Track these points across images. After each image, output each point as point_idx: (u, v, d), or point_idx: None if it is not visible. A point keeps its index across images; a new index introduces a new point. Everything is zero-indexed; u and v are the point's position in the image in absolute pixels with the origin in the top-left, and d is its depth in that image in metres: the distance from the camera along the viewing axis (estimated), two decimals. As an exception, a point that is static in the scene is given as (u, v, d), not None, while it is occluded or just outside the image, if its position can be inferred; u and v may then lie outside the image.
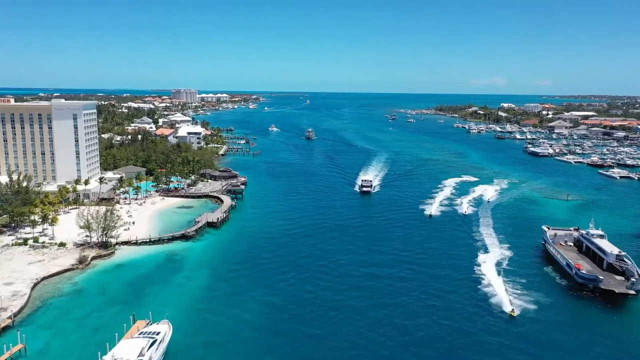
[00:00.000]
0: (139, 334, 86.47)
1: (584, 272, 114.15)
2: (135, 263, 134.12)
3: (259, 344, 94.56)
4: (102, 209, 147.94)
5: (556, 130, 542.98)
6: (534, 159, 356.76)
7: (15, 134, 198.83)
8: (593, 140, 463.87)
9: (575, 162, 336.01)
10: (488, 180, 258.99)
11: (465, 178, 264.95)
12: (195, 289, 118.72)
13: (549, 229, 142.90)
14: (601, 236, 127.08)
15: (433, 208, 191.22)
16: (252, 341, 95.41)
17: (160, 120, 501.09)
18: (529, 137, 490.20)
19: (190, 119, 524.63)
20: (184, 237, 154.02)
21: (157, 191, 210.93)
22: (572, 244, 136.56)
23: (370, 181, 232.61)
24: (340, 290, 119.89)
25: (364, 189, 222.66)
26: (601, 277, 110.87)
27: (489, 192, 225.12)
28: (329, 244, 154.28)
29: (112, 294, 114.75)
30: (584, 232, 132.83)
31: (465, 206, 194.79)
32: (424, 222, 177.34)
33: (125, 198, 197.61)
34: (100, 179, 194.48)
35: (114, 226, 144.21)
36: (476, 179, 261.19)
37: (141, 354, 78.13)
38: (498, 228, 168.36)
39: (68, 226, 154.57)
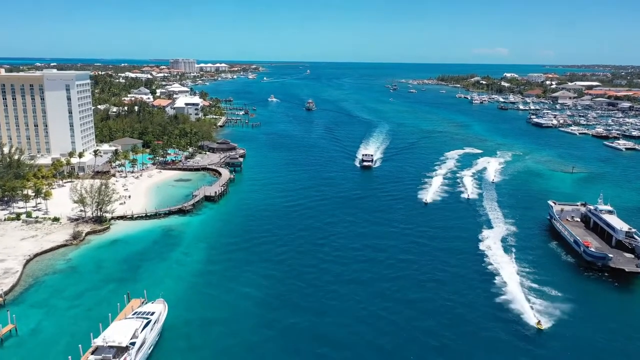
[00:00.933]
0: (133, 314, 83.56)
1: (592, 249, 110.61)
2: (131, 238, 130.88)
3: (258, 323, 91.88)
4: (97, 183, 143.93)
5: (560, 101, 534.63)
6: (538, 130, 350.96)
7: (6, 106, 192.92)
8: (597, 111, 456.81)
9: (579, 133, 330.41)
10: (491, 152, 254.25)
11: (468, 150, 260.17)
12: (192, 265, 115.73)
13: (555, 204, 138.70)
14: (610, 212, 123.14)
15: (435, 183, 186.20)
16: (251, 320, 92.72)
17: (158, 91, 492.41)
18: (532, 107, 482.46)
19: (189, 90, 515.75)
20: (181, 212, 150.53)
21: (153, 164, 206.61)
22: (579, 220, 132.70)
23: (372, 155, 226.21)
24: (341, 265, 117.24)
25: (365, 163, 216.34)
26: (610, 255, 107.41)
27: (492, 165, 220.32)
28: (329, 217, 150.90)
29: (106, 271, 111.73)
30: (591, 207, 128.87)
31: (468, 182, 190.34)
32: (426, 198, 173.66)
33: (121, 171, 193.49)
34: (95, 151, 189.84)
35: (108, 200, 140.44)
36: (479, 151, 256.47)
37: (134, 336, 75.21)
38: (502, 202, 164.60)
39: (62, 200, 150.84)
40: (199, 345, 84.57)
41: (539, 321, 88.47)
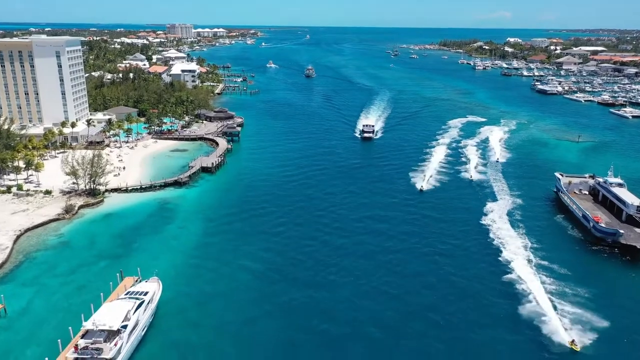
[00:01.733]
0: (125, 294, 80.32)
1: (602, 225, 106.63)
2: (125, 212, 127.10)
3: (256, 298, 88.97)
4: (89, 154, 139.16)
5: (564, 67, 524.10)
6: (542, 97, 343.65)
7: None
8: (603, 77, 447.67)
9: (585, 100, 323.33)
10: (495, 120, 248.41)
11: (471, 118, 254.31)
12: (188, 240, 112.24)
13: (562, 176, 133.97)
14: (620, 185, 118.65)
15: (438, 154, 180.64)
16: (250, 295, 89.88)
17: (154, 57, 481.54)
18: (536, 74, 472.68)
19: (185, 56, 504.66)
20: (177, 184, 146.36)
21: (149, 133, 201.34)
22: (587, 193, 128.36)
23: (372, 126, 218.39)
24: (341, 237, 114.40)
25: (366, 134, 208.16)
26: (621, 231, 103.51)
27: (495, 134, 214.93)
28: (329, 188, 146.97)
29: (99, 246, 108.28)
30: (601, 180, 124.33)
31: (472, 152, 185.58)
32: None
33: (116, 141, 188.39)
34: (88, 121, 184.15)
35: (102, 172, 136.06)
36: (483, 120, 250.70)
37: (126, 319, 72.04)
38: (507, 173, 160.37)
39: (55, 172, 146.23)
40: (195, 324, 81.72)
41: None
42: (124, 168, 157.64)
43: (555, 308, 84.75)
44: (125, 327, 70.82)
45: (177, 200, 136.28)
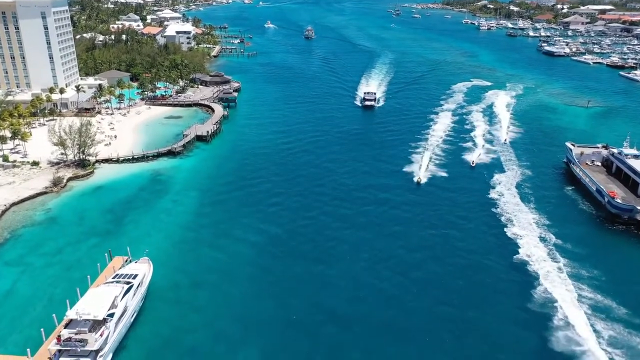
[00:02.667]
0: (113, 278, 75.65)
1: (618, 200, 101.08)
2: (116, 185, 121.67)
3: (253, 282, 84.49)
4: (77, 123, 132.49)
5: (572, 27, 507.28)
6: (549, 59, 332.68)
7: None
8: (611, 38, 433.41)
9: (593, 62, 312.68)
10: (501, 85, 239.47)
11: (476, 82, 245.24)
12: (182, 214, 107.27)
13: (574, 146, 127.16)
14: (636, 157, 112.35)
15: (443, 122, 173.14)
16: (246, 278, 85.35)
17: (149, 17, 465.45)
18: (542, 34, 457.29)
19: (181, 16, 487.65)
20: (171, 154, 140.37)
21: (142, 99, 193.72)
22: (599, 164, 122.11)
23: (374, 94, 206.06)
24: (343, 209, 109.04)
25: (367, 102, 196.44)
26: (639, 207, 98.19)
27: (501, 99, 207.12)
28: (329, 158, 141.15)
29: (89, 222, 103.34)
30: (615, 151, 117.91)
31: (478, 118, 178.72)
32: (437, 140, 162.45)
33: (107, 108, 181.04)
34: (77, 86, 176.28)
35: (91, 143, 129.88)
36: (488, 83, 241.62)
37: (113, 305, 67.58)
38: (514, 142, 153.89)
39: (43, 141, 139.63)
40: (189, 307, 77.69)
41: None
42: (115, 137, 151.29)
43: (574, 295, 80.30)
44: (112, 315, 66.40)
45: (170, 171, 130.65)
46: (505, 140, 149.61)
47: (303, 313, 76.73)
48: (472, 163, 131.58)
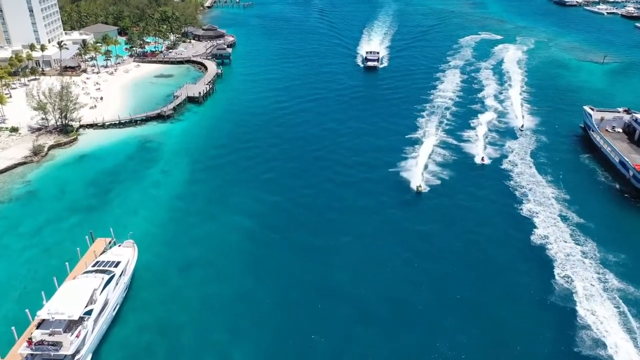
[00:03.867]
0: (93, 265, 68.82)
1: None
2: (102, 153, 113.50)
3: (248, 267, 77.60)
4: (57, 85, 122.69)
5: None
6: (561, 9, 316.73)
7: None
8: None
9: (607, 13, 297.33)
10: (510, 38, 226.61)
11: (485, 35, 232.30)
12: (171, 188, 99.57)
13: (593, 110, 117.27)
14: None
15: (451, 81, 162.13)
16: (239, 263, 78.43)
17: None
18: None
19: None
20: (160, 117, 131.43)
21: (131, 56, 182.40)
22: (620, 130, 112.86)
23: (377, 53, 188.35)
24: (344, 176, 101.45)
25: (370, 63, 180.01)
26: None
27: (511, 54, 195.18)
28: (330, 122, 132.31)
29: (71, 197, 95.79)
30: (638, 116, 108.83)
31: (487, 78, 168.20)
32: (445, 100, 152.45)
33: (93, 66, 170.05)
34: (60, 43, 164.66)
35: (73, 107, 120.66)
36: (498, 37, 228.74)
37: (91, 301, 61.02)
38: (527, 103, 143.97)
39: (23, 105, 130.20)
40: (177, 296, 71.09)
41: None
42: (101, 98, 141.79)
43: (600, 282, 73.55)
44: (90, 312, 59.85)
45: (160, 137, 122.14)
46: (522, 126, 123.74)
47: (305, 308, 70.21)
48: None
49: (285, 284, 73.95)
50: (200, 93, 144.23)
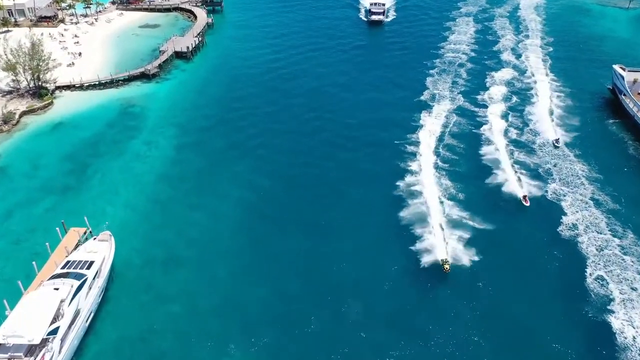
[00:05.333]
0: (63, 267, 60.52)
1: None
2: (79, 120, 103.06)
3: (243, 256, 69.74)
4: (26, 42, 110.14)
5: None
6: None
7: None
8: None
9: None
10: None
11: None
12: (156, 163, 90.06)
13: (624, 70, 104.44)
14: None
15: (464, 32, 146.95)
16: (233, 252, 70.45)
17: None
18: None
19: None
20: (145, 77, 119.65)
21: (113, 3, 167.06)
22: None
23: (383, 5, 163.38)
24: (346, 158, 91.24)
25: (374, 17, 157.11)
26: None
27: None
28: (331, 81, 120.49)
29: (44, 174, 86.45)
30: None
31: (501, 28, 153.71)
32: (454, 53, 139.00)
33: (72, 15, 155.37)
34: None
35: (46, 67, 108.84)
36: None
37: (58, 315, 53.19)
38: (546, 57, 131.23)
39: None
40: (161, 298, 63.43)
41: None
42: (79, 54, 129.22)
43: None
44: (55, 331, 52.06)
45: (144, 100, 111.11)
46: (557, 140, 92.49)
47: (306, 304, 62.72)
48: (525, 201, 78.50)
49: (283, 283, 66.05)
50: (188, 47, 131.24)
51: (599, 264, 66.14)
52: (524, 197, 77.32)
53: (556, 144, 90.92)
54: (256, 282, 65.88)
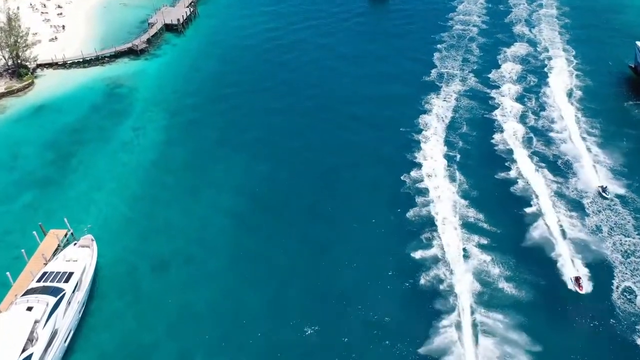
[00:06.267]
0: (39, 280, 55.29)
1: None
2: (62, 103, 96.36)
3: (239, 262, 64.76)
4: (1, 16, 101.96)
5: None
6: None
7: None
8: None
9: None
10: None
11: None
12: (145, 152, 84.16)
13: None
14: None
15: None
16: (228, 257, 65.41)
17: None
18: None
19: None
20: (132, 53, 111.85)
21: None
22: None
23: None
24: (350, 142, 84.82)
25: None
26: None
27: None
28: (333, 55, 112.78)
29: (24, 165, 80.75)
30: None
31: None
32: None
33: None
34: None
35: (25, 44, 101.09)
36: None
37: (31, 339, 48.46)
38: (563, 29, 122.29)
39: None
40: (150, 308, 58.86)
41: None
42: (63, 27, 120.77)
43: None
44: (29, 358, 47.21)
45: (131, 80, 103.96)
46: (605, 187, 72.62)
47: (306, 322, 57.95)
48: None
49: (281, 287, 61.10)
50: (179, 20, 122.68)
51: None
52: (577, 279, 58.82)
53: (604, 194, 71.21)
54: (255, 294, 60.57)
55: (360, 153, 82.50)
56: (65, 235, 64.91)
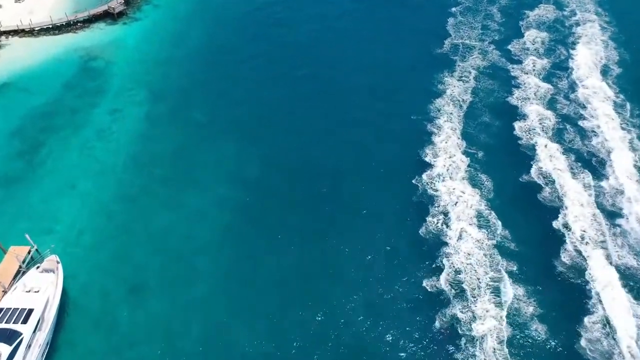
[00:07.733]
0: (-5, 319, 47.41)
1: None
2: (29, 80, 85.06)
3: (230, 278, 57.03)
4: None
5: None
6: None
7: None
8: None
9: None
10: None
11: None
12: (123, 141, 74.19)
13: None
14: None
15: None
16: (217, 275, 57.50)
17: None
18: None
19: None
20: (109, 16, 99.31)
21: None
22: None
23: None
24: (356, 128, 75.22)
25: None
26: None
27: None
28: (332, 25, 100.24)
29: (-14, 159, 71.05)
30: None
31: None
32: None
33: None
34: None
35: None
36: None
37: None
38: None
39: None
40: (125, 342, 51.44)
41: None
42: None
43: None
44: None
45: (108, 50, 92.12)
46: None
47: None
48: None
49: (280, 305, 53.64)
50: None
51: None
52: None
53: None
54: (250, 329, 52.64)
55: (364, 156, 72.51)
56: (29, 252, 56.32)
